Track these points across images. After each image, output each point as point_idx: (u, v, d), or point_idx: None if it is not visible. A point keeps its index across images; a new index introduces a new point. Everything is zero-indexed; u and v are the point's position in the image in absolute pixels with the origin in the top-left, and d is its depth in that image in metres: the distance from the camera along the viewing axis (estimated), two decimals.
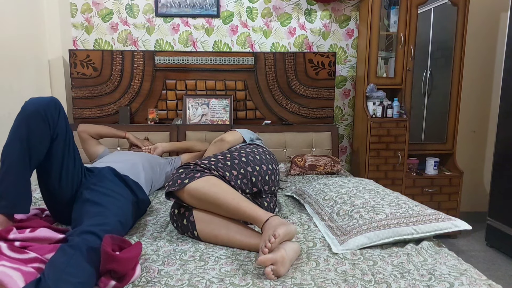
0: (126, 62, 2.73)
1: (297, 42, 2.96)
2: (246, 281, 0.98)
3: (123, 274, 0.96)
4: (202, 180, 1.26)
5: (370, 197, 1.42)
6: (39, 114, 1.21)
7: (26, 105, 1.22)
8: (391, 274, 1.02)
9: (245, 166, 1.43)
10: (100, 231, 1.06)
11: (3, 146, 1.20)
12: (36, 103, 1.23)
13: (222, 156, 1.45)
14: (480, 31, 2.97)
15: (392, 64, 2.74)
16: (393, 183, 2.67)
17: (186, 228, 1.28)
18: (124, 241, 1.08)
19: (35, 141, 1.20)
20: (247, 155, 1.50)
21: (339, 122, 3.09)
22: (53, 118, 1.25)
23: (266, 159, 1.56)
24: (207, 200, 1.23)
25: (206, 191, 1.23)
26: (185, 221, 1.28)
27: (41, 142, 1.23)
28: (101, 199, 1.28)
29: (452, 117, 2.77)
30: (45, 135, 1.23)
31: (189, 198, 1.25)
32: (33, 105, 1.22)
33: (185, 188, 1.24)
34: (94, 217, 1.17)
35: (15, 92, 2.27)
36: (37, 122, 1.21)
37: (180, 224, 1.30)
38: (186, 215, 1.28)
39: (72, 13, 2.83)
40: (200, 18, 2.88)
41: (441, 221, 1.26)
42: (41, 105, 1.23)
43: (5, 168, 1.18)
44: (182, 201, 1.28)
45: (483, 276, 1.00)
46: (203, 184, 1.24)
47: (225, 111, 2.78)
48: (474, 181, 3.14)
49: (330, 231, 1.32)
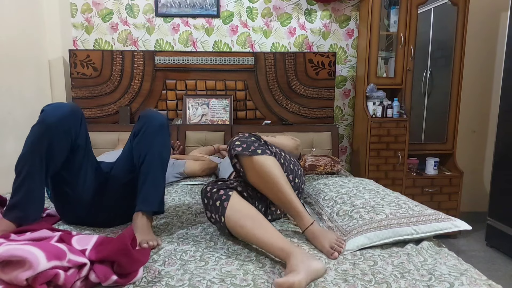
0: (126, 62, 2.73)
1: (297, 42, 2.96)
2: (247, 282, 0.98)
3: (127, 272, 0.96)
4: (272, 158, 1.27)
5: (370, 197, 1.42)
6: (62, 127, 1.19)
7: (47, 117, 1.18)
8: (391, 274, 1.02)
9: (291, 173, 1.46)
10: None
11: (20, 156, 1.18)
12: (58, 115, 1.19)
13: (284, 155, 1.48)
14: (480, 31, 2.97)
15: (392, 64, 2.74)
16: (393, 183, 2.67)
17: (215, 209, 1.24)
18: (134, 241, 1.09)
19: (55, 154, 1.20)
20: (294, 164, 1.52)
21: (339, 122, 3.09)
22: (76, 130, 1.24)
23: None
24: (267, 178, 1.25)
25: (272, 170, 1.25)
26: (218, 203, 1.23)
27: (60, 154, 1.22)
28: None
29: (452, 117, 2.77)
30: (65, 147, 1.23)
31: (251, 168, 1.26)
32: (54, 117, 1.18)
33: (254, 158, 1.25)
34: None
35: (15, 92, 2.27)
36: (59, 136, 1.19)
37: (212, 203, 1.25)
38: (222, 199, 1.23)
39: (72, 13, 2.83)
40: (200, 18, 2.88)
41: (441, 221, 1.26)
42: (64, 117, 1.20)
43: (21, 179, 1.16)
44: (241, 168, 1.29)
45: (483, 276, 1.00)
46: (271, 163, 1.25)
47: (225, 111, 2.78)
48: (474, 181, 3.15)
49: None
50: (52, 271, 0.85)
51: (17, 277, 0.81)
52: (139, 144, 1.35)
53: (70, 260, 0.90)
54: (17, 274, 0.81)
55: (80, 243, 1.00)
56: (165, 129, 1.39)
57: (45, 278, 0.84)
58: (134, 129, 1.40)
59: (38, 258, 0.83)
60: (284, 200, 1.26)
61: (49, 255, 0.86)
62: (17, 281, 0.81)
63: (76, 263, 0.91)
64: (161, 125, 1.37)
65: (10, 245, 0.86)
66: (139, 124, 1.39)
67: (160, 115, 1.41)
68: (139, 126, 1.38)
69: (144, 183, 1.31)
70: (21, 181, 1.16)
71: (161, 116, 1.40)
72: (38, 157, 1.17)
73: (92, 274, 0.94)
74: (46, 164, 1.18)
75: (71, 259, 0.90)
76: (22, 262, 0.82)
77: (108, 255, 0.94)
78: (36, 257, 0.83)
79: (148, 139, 1.35)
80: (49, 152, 1.18)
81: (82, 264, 0.93)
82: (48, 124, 1.17)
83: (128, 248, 0.94)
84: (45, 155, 1.17)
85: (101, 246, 0.98)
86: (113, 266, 0.95)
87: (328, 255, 1.14)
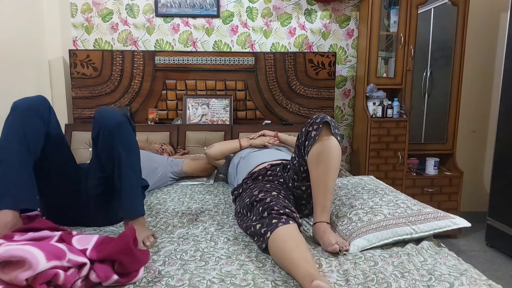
0: (126, 62, 2.73)
1: (297, 42, 2.96)
2: (247, 281, 0.98)
3: (128, 272, 0.96)
4: (340, 148, 1.33)
5: (369, 197, 1.42)
6: (32, 110, 1.23)
7: (17, 104, 1.25)
8: (391, 274, 1.02)
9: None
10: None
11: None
12: (27, 101, 1.26)
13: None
14: (480, 31, 2.97)
15: (392, 64, 2.74)
16: (393, 183, 2.67)
17: (258, 234, 1.20)
18: (136, 241, 1.08)
19: (32, 135, 1.22)
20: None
21: (339, 122, 3.09)
22: (46, 114, 1.28)
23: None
24: (328, 158, 1.29)
25: (337, 155, 1.30)
26: (263, 231, 1.19)
27: (37, 137, 1.24)
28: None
29: (452, 117, 2.77)
30: (40, 130, 1.25)
31: (324, 143, 1.30)
32: (24, 102, 1.25)
33: (333, 138, 1.31)
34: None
35: (15, 92, 2.27)
36: (31, 118, 1.23)
37: (254, 229, 1.23)
38: (263, 232, 1.18)
39: (72, 13, 2.83)
40: (200, 18, 2.88)
41: (440, 219, 1.26)
42: (32, 102, 1.25)
43: (4, 166, 1.17)
44: (315, 137, 1.32)
45: (483, 276, 1.00)
46: (339, 151, 1.31)
47: (225, 111, 2.78)
48: (474, 181, 3.15)
49: None
50: (51, 271, 0.85)
51: (17, 277, 0.81)
52: (102, 150, 1.29)
53: (70, 260, 0.90)
54: (17, 274, 0.81)
55: (81, 242, 1.00)
56: (123, 127, 1.27)
57: (45, 278, 0.84)
58: (92, 134, 1.31)
59: (37, 258, 0.83)
60: (329, 187, 1.28)
61: (48, 255, 0.86)
62: (17, 281, 0.81)
63: (76, 263, 0.91)
64: (118, 125, 1.26)
65: (10, 245, 0.86)
66: (95, 128, 1.29)
67: (114, 113, 1.28)
68: (96, 130, 1.28)
69: (120, 191, 1.26)
70: (5, 168, 1.17)
71: (116, 114, 1.28)
72: (17, 140, 1.18)
73: (92, 273, 0.94)
74: (28, 148, 1.20)
75: (71, 259, 0.90)
76: (21, 262, 0.82)
77: (110, 254, 0.94)
78: (35, 257, 0.83)
79: (108, 143, 1.26)
80: (27, 135, 1.20)
81: (82, 264, 0.93)
82: (19, 109, 1.23)
83: (130, 248, 0.94)
84: (24, 138, 1.19)
85: (102, 246, 0.98)
86: (114, 266, 0.95)
87: (330, 248, 1.15)
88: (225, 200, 1.79)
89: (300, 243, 1.09)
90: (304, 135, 1.38)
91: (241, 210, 1.41)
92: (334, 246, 1.14)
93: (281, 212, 1.21)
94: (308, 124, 1.37)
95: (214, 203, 1.73)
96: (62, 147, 1.36)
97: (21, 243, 0.89)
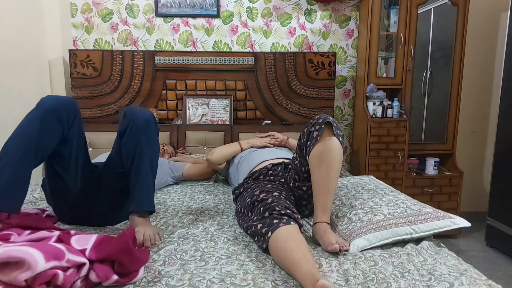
0: (126, 62, 2.73)
1: (297, 42, 2.96)
2: (247, 281, 0.98)
3: (128, 272, 0.96)
4: (342, 149, 1.35)
5: (369, 197, 1.42)
6: (55, 112, 1.18)
7: (43, 101, 1.19)
8: (391, 274, 1.02)
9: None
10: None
11: (8, 138, 1.15)
12: (56, 100, 1.21)
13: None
14: (480, 31, 2.97)
15: (392, 64, 2.74)
16: (393, 183, 2.67)
17: (258, 234, 1.21)
18: (135, 241, 1.08)
19: (45, 139, 1.17)
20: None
21: (339, 122, 3.09)
22: (69, 120, 1.23)
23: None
24: (329, 159, 1.29)
25: (338, 157, 1.31)
26: (264, 230, 1.19)
27: (50, 141, 1.19)
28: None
29: (452, 117, 2.77)
30: (55, 135, 1.20)
31: (326, 143, 1.31)
32: (53, 100, 1.20)
33: (335, 138, 1.32)
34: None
35: (15, 92, 2.27)
36: (51, 120, 1.18)
37: (255, 229, 1.23)
38: (264, 232, 1.18)
39: (72, 13, 2.83)
40: (200, 18, 2.88)
41: (439, 219, 1.26)
42: (58, 104, 1.20)
43: (3, 162, 1.11)
44: (317, 137, 1.32)
45: (483, 276, 1.00)
46: (340, 152, 1.32)
47: (225, 111, 2.78)
48: (474, 181, 3.15)
49: None
50: (51, 271, 0.85)
51: (16, 278, 0.81)
52: (126, 144, 1.32)
53: (69, 260, 0.90)
54: (16, 275, 0.81)
55: (79, 242, 1.00)
56: (151, 126, 1.34)
57: (44, 279, 0.84)
58: (120, 128, 1.36)
59: (36, 259, 0.83)
60: (331, 188, 1.29)
61: (47, 255, 0.86)
62: (16, 282, 0.81)
63: (75, 263, 0.91)
64: (147, 122, 1.32)
65: (8, 246, 0.86)
66: (124, 122, 1.34)
67: (145, 111, 1.36)
68: (125, 125, 1.34)
69: (135, 184, 1.29)
70: (2, 165, 1.11)
71: (146, 113, 1.35)
72: (27, 140, 1.13)
73: (92, 273, 0.94)
74: (35, 152, 1.14)
75: (70, 259, 0.90)
76: (20, 263, 0.82)
77: (109, 254, 0.94)
78: (34, 258, 0.83)
79: (134, 138, 1.31)
80: (40, 137, 1.15)
81: (81, 264, 0.93)
82: (44, 107, 1.18)
83: (129, 247, 0.94)
84: (35, 140, 1.14)
85: (101, 246, 0.98)
86: (114, 266, 0.95)
87: (330, 247, 1.15)
88: (225, 200, 1.79)
89: (301, 243, 1.09)
90: (306, 135, 1.38)
91: (242, 210, 1.41)
92: (334, 246, 1.14)
93: (282, 212, 1.21)
94: (310, 125, 1.37)
95: (214, 203, 1.73)
96: (81, 151, 1.34)
97: (20, 244, 0.89)
